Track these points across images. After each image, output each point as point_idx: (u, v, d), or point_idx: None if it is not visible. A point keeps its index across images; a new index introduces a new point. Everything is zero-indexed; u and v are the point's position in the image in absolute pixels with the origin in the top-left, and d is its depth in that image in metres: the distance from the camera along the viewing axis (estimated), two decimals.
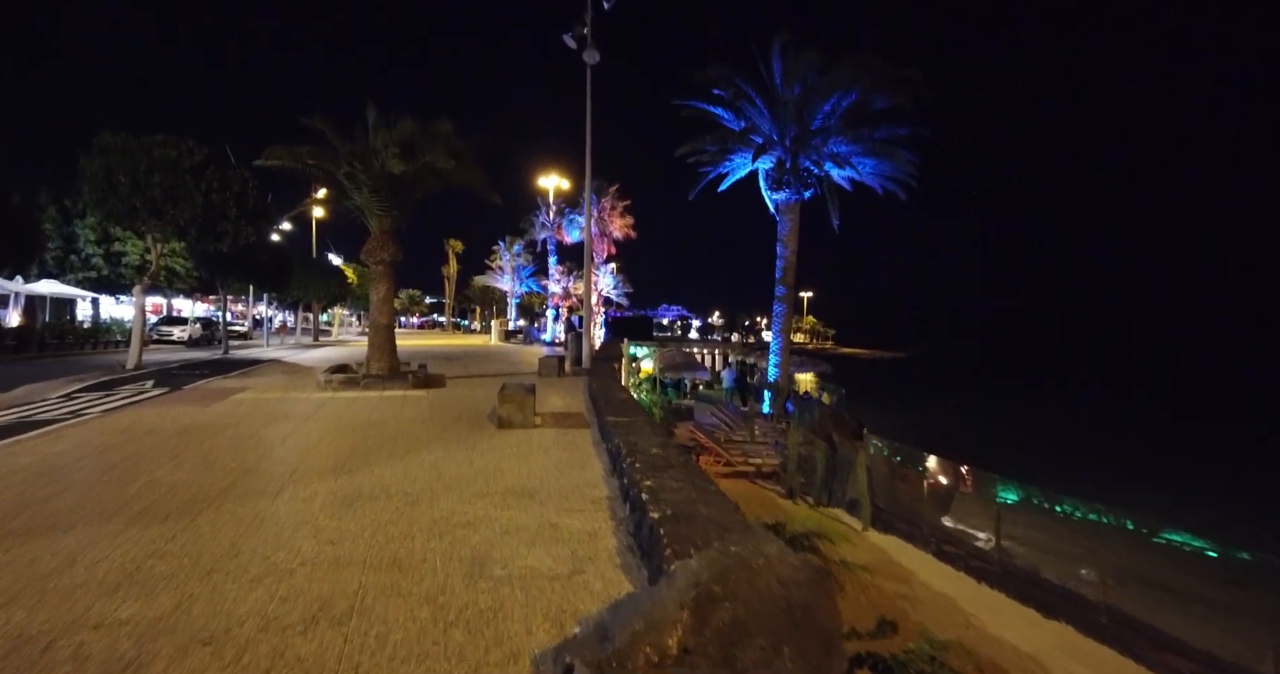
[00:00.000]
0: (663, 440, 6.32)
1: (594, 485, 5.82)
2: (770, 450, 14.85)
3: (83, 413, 9.63)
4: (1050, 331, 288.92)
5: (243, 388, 12.94)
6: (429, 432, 8.47)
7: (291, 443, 7.62)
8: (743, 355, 34.80)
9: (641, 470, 4.94)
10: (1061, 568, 8.33)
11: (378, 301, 13.92)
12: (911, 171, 20.89)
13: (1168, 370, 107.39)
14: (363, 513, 4.92)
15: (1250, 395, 71.23)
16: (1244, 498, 19.92)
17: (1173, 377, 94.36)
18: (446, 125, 13.41)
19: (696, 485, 4.38)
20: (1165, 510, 11.33)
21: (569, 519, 4.80)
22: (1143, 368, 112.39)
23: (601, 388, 11.46)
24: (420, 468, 6.44)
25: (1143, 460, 28.40)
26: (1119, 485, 18.95)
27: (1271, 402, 62.07)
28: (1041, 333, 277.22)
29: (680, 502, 3.97)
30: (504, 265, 53.26)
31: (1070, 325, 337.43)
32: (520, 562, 3.98)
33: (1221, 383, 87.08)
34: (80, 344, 24.21)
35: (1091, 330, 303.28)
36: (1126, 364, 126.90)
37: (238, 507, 5.02)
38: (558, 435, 8.34)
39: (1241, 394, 74.41)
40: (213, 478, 5.88)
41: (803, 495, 11.11)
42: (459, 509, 5.06)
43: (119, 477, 5.84)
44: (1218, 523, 10.91)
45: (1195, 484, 22.14)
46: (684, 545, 3.19)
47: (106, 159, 14.66)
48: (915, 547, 8.65)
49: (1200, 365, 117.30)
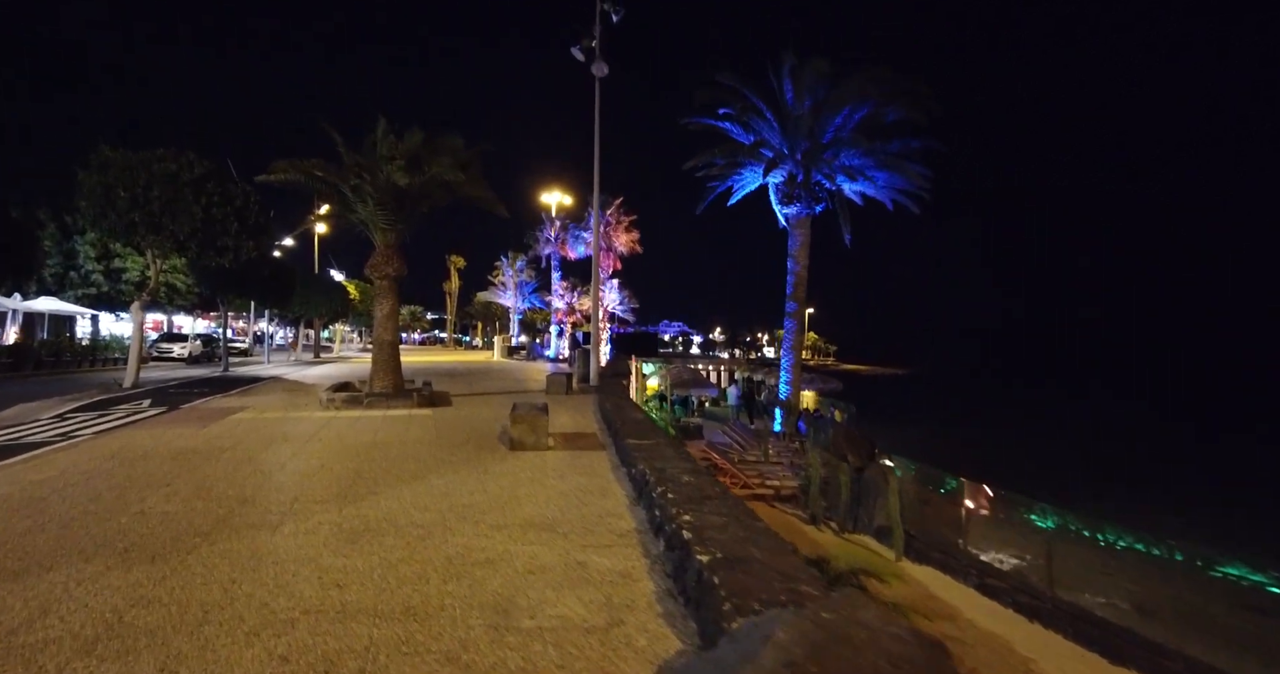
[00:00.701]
0: (691, 466, 5.89)
1: (618, 515, 5.38)
2: (786, 472, 14.37)
3: (74, 435, 9.21)
4: (1051, 332, 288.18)
5: (242, 407, 12.53)
6: (437, 454, 8.04)
7: (292, 467, 7.19)
8: (749, 372, 34.36)
9: (676, 502, 4.52)
10: (1109, 603, 7.84)
11: (382, 317, 13.54)
12: (924, 184, 20.59)
13: (1168, 370, 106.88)
14: (370, 549, 4.49)
15: (1250, 396, 70.71)
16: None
17: (1173, 376, 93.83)
18: (456, 138, 13.16)
19: (742, 521, 3.95)
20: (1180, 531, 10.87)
21: (597, 557, 4.36)
22: (1143, 368, 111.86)
23: (614, 407, 11.04)
24: (430, 495, 6.01)
25: (1147, 473, 28.02)
26: (1121, 498, 18.47)
27: (1271, 402, 61.55)
28: (1042, 334, 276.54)
29: (729, 542, 3.54)
30: (506, 281, 53.00)
31: (1071, 325, 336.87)
32: (550, 609, 3.54)
33: (1221, 383, 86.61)
34: (78, 362, 23.80)
35: (1092, 330, 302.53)
36: (1127, 363, 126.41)
37: (233, 542, 4.58)
38: (573, 458, 7.91)
39: (1241, 395, 73.92)
40: (207, 508, 5.44)
41: (826, 521, 10.64)
42: (475, 544, 4.62)
43: (106, 508, 5.40)
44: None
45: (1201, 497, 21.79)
46: (745, 599, 2.76)
47: (105, 174, 14.36)
48: (954, 579, 8.15)
49: (1200, 365, 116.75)
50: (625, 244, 36.57)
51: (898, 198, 21.53)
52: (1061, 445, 36.52)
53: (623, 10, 17.09)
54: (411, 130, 12.96)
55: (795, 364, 22.60)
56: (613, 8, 17.03)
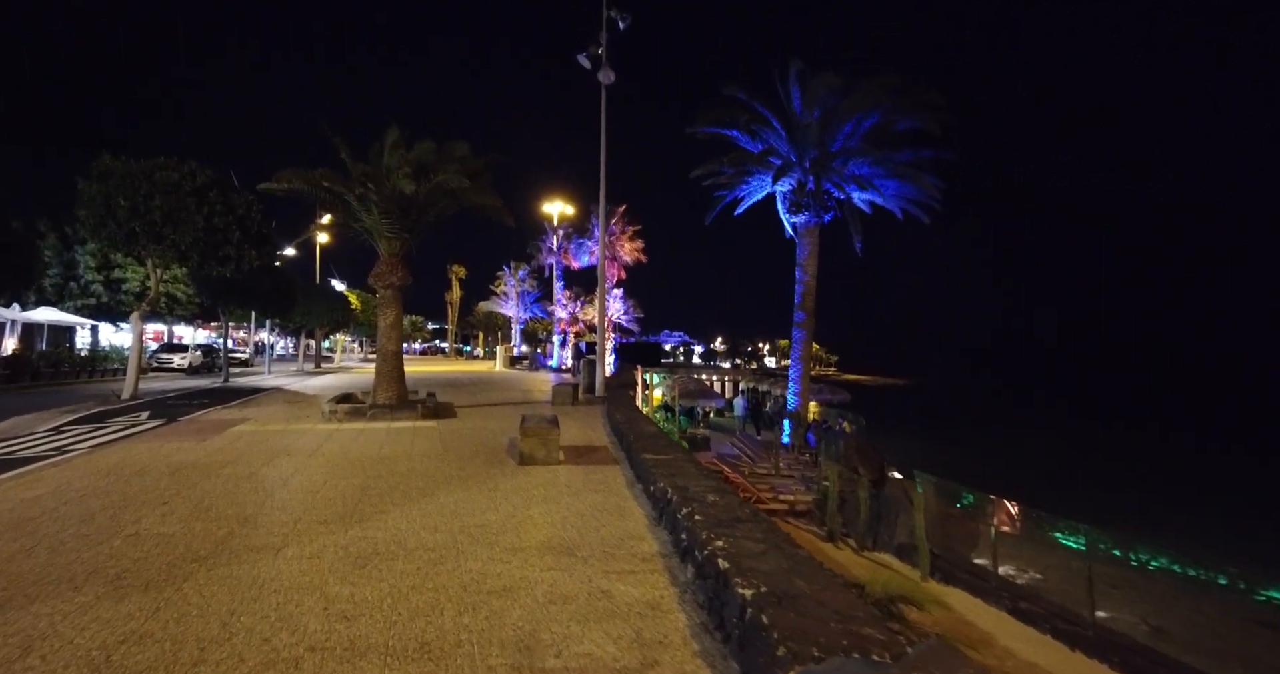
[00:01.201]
0: (715, 485, 5.60)
1: (639, 538, 5.10)
2: (799, 485, 14.05)
3: (69, 449, 8.92)
4: (1050, 334, 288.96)
5: (243, 419, 12.25)
6: (445, 469, 7.76)
7: (295, 484, 6.90)
8: (754, 382, 34.02)
9: (705, 525, 4.23)
10: (1153, 629, 7.48)
11: (385, 327, 13.30)
12: (935, 194, 20.37)
13: (1167, 370, 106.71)
14: (379, 575, 4.20)
15: (1250, 396, 70.43)
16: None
17: (1172, 377, 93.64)
18: (463, 146, 12.98)
19: (782, 548, 3.66)
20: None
21: (622, 585, 4.07)
22: (1142, 368, 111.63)
23: (625, 419, 10.75)
24: (440, 514, 5.72)
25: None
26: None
27: (1271, 402, 61.24)
28: (1041, 335, 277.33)
29: (772, 574, 3.25)
30: (509, 291, 52.78)
31: (1071, 325, 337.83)
32: (576, 646, 3.25)
33: (1220, 383, 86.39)
34: (77, 373, 23.52)
35: (1092, 331, 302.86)
36: (1126, 363, 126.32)
37: (232, 567, 4.29)
38: (585, 474, 7.63)
39: (1240, 395, 73.64)
40: (205, 529, 5.16)
41: (843, 537, 10.31)
42: (490, 570, 4.33)
43: (99, 529, 5.12)
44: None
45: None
46: (802, 643, 2.48)
47: (105, 183, 14.15)
48: (985, 602, 7.80)
49: (1200, 365, 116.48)
50: (630, 253, 36.30)
51: (907, 207, 21.29)
52: (1063, 459, 36.25)
53: (629, 17, 16.97)
54: (421, 139, 12.79)
55: (804, 375, 22.29)
56: (619, 15, 16.91)
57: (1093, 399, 70.63)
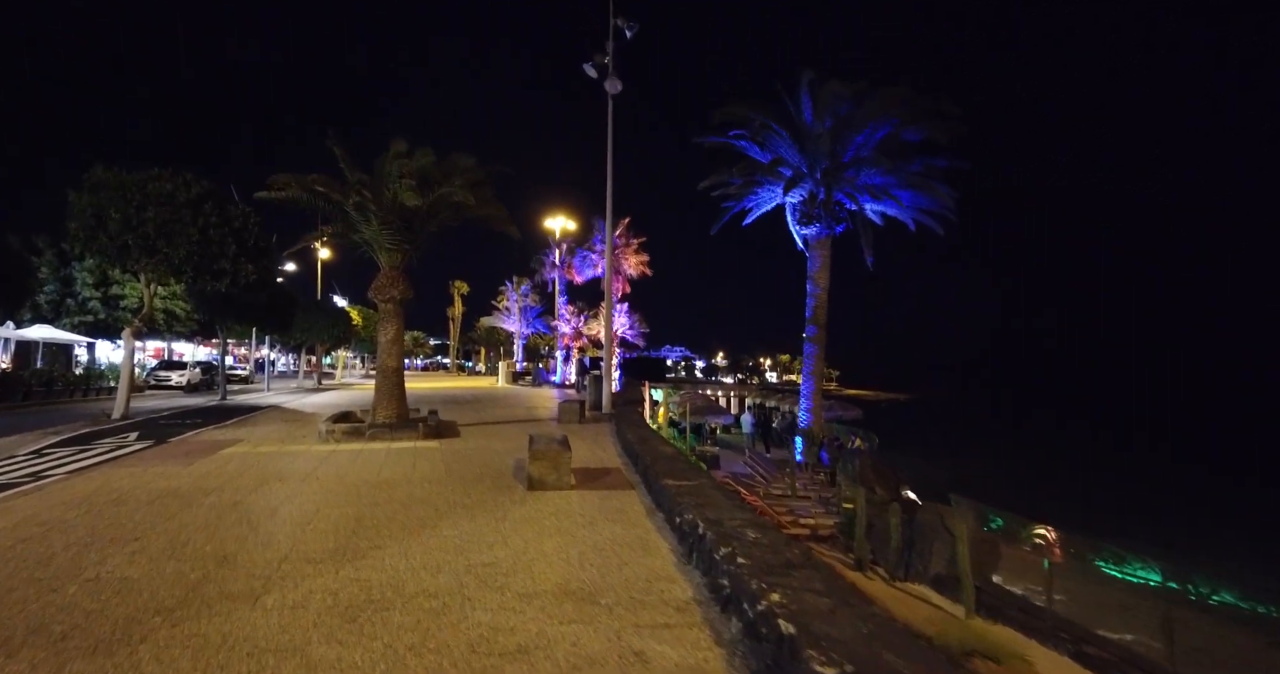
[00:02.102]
0: (751, 517, 4.99)
1: (668, 579, 4.48)
2: (818, 507, 13.38)
3: (46, 474, 8.34)
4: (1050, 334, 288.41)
5: (235, 440, 11.67)
6: (448, 496, 7.15)
7: (284, 514, 6.30)
8: (761, 398, 33.35)
9: (753, 572, 3.62)
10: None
11: (386, 343, 12.76)
12: (949, 204, 19.88)
13: (1167, 370, 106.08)
14: (372, 631, 3.59)
15: (1250, 396, 69.70)
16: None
17: (1172, 377, 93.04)
18: (468, 157, 12.55)
19: (854, 606, 3.05)
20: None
21: (657, 644, 3.45)
22: (1142, 368, 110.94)
23: (638, 438, 10.16)
24: (443, 550, 5.12)
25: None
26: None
27: (1271, 402, 60.44)
28: (1042, 336, 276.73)
29: (852, 642, 2.63)
30: (511, 306, 52.34)
31: (1071, 325, 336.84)
32: None
33: (1220, 383, 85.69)
34: (70, 391, 22.96)
35: (1092, 331, 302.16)
36: (1126, 363, 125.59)
37: (201, 622, 3.68)
38: (600, 501, 7.02)
39: (1240, 395, 72.92)
40: (177, 571, 4.55)
41: (872, 566, 9.65)
42: (502, 622, 3.72)
43: (55, 573, 4.51)
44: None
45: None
46: None
47: (96, 195, 13.67)
48: (1039, 642, 7.11)
49: (1199, 365, 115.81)
50: (634, 266, 35.85)
51: (920, 218, 20.82)
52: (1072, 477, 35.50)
53: (637, 26, 16.61)
54: (422, 149, 12.32)
55: (816, 390, 21.68)
56: (626, 23, 16.54)
57: (1091, 400, 69.88)
